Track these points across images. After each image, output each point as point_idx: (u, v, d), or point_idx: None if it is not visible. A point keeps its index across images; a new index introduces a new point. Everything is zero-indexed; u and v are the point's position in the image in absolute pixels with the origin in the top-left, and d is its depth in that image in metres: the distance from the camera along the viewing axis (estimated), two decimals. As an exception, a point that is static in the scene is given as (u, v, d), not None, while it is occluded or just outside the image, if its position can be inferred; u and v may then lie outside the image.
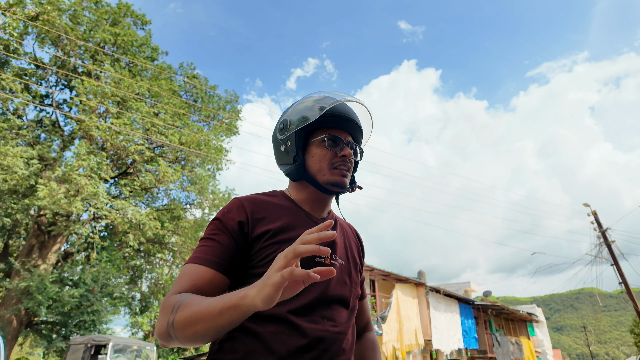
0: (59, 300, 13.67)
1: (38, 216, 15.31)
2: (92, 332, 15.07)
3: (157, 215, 16.43)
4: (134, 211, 14.80)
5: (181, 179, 17.94)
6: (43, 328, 15.21)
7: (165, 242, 18.57)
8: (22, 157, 13.25)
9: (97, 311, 14.82)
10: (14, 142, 14.04)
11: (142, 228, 15.08)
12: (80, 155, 13.88)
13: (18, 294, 13.47)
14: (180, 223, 17.71)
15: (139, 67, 17.47)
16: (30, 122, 16.16)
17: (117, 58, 16.81)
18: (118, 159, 16.86)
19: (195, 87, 18.93)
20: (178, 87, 18.61)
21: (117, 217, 14.54)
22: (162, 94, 16.41)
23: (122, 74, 15.94)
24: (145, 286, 22.10)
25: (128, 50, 17.44)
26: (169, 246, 18.92)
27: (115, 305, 18.13)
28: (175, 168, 17.14)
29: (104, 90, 14.77)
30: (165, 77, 17.80)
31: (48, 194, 12.66)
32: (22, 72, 15.62)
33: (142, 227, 15.04)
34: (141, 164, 16.48)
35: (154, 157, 16.82)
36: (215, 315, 0.69)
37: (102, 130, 14.66)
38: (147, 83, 16.75)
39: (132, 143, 15.61)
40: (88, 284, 14.40)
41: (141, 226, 15.04)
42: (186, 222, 17.86)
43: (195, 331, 0.72)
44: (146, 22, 18.38)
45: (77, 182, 13.07)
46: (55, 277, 14.03)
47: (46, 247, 15.29)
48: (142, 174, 16.32)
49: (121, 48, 17.11)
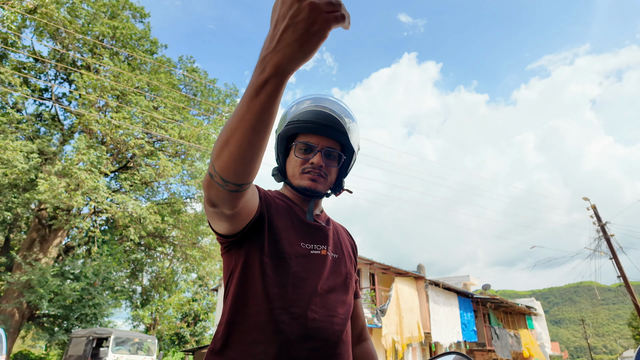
0: (60, 293, 13.75)
1: (39, 210, 15.33)
2: (94, 325, 15.18)
3: (157, 209, 16.45)
4: (134, 205, 14.82)
5: (181, 173, 17.93)
6: (45, 321, 15.31)
7: (166, 236, 18.62)
8: (22, 151, 13.23)
9: (99, 304, 14.91)
10: (13, 136, 14.01)
11: (143, 222, 15.11)
12: (80, 149, 13.86)
13: (20, 288, 13.53)
14: (181, 217, 17.74)
15: (138, 61, 17.38)
16: (29, 116, 16.12)
17: (116, 51, 16.71)
18: (118, 153, 16.84)
19: (194, 80, 18.85)
20: (177, 81, 18.53)
21: (117, 211, 14.56)
22: (162, 88, 16.35)
23: (122, 67, 15.86)
24: (146, 280, 22.22)
25: (127, 44, 17.33)
26: (169, 240, 18.97)
27: (116, 299, 18.24)
28: (175, 162, 17.13)
29: (103, 84, 14.70)
30: (164, 71, 17.71)
31: (48, 188, 12.66)
32: (21, 65, 15.54)
33: (142, 221, 15.07)
34: (141, 157, 16.47)
35: (154, 151, 16.80)
36: (247, 103, 0.61)
37: (102, 124, 14.63)
38: (147, 77, 16.67)
39: (132, 137, 15.58)
40: (89, 278, 14.47)
41: (142, 220, 15.07)
42: (186, 216, 17.89)
43: (232, 151, 0.65)
44: (145, 15, 18.24)
45: (78, 176, 13.07)
46: (56, 270, 14.09)
47: (47, 241, 15.33)
48: (142, 168, 16.31)
49: (120, 41, 17.01)
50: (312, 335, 0.90)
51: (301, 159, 1.05)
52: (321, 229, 1.07)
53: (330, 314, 0.96)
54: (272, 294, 0.90)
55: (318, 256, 1.00)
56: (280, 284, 0.92)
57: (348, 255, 1.13)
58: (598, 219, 16.69)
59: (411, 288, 15.31)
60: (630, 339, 52.23)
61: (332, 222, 1.18)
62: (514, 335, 20.44)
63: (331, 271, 1.02)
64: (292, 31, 0.54)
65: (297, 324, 0.89)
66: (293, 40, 0.55)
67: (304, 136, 1.05)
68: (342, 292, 1.03)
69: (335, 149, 1.06)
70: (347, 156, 1.11)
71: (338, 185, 1.13)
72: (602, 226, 16.48)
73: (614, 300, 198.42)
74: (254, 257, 0.94)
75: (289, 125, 1.05)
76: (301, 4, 0.53)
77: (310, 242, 1.02)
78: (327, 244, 1.05)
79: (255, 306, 0.90)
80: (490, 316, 20.49)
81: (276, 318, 0.89)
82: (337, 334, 0.95)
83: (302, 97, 1.11)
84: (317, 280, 0.97)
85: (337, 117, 1.04)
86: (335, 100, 1.10)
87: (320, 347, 0.90)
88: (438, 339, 15.15)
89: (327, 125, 1.03)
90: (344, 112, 1.07)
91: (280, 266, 0.94)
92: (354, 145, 1.08)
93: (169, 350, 28.05)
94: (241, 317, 0.91)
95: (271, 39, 0.57)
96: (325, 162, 1.04)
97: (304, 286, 0.94)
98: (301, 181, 1.05)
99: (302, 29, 0.54)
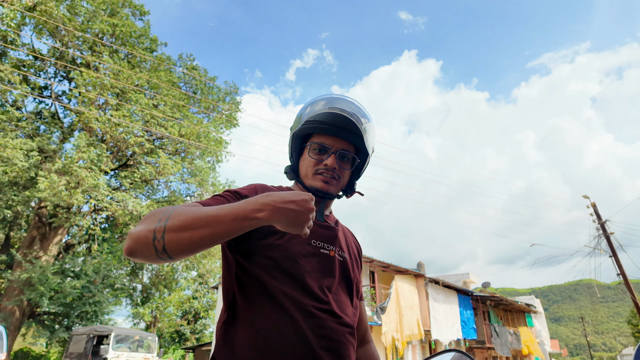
0: (60, 291, 13.77)
1: (39, 208, 15.34)
2: (94, 322, 15.21)
3: (157, 207, 16.44)
4: (134, 203, 14.83)
5: (181, 171, 17.94)
6: (45, 319, 15.34)
7: (166, 234, 18.60)
8: (21, 149, 13.23)
9: (99, 302, 14.94)
10: (13, 133, 14.01)
11: (143, 220, 15.11)
12: (80, 147, 13.86)
13: (20, 285, 13.56)
14: (181, 215, 17.72)
15: (138, 59, 17.35)
16: (29, 114, 16.11)
17: (115, 49, 16.69)
18: (118, 151, 16.84)
19: (194, 78, 18.83)
20: (177, 79, 18.50)
21: (117, 209, 14.57)
22: (162, 86, 16.33)
23: (121, 65, 15.84)
24: (147, 277, 22.27)
25: (127, 42, 17.30)
26: (169, 238, 18.96)
27: (116, 296, 18.27)
28: (175, 160, 17.13)
29: (103, 82, 14.69)
30: (164, 69, 17.69)
31: (49, 186, 12.67)
32: (21, 63, 15.52)
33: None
34: (141, 155, 16.47)
35: (154, 149, 16.80)
36: (231, 219, 0.74)
37: (102, 122, 14.62)
38: (147, 74, 16.65)
39: (132, 135, 15.58)
40: (89, 276, 14.50)
41: (142, 218, 15.07)
42: (186, 214, 17.87)
43: (193, 236, 0.73)
44: (145, 13, 18.20)
45: (78, 174, 13.08)
46: (56, 268, 14.11)
47: (47, 239, 15.35)
48: (142, 166, 16.31)
49: (120, 39, 16.97)
50: (323, 334, 0.90)
51: (315, 159, 1.05)
52: (331, 230, 1.07)
53: (340, 314, 0.96)
54: (281, 292, 0.90)
55: (327, 256, 1.01)
56: (290, 282, 0.92)
57: (354, 258, 1.15)
58: (598, 217, 16.69)
59: (411, 286, 15.33)
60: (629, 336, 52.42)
61: (340, 224, 1.18)
62: (513, 332, 20.48)
63: (339, 272, 1.03)
64: (292, 211, 0.76)
65: (311, 322, 0.90)
66: (290, 214, 0.76)
67: (319, 137, 1.05)
68: (349, 293, 1.05)
69: (349, 152, 1.06)
70: (361, 159, 1.11)
71: (350, 187, 1.13)
72: (601, 224, 16.49)
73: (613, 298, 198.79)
74: (257, 255, 0.94)
75: (305, 125, 1.05)
76: (307, 213, 0.78)
77: (320, 241, 1.02)
78: (335, 245, 1.05)
79: (264, 305, 0.90)
80: (490, 314, 20.53)
81: (290, 315, 0.89)
82: (346, 334, 0.95)
83: (318, 97, 1.11)
84: (326, 279, 0.98)
85: (353, 120, 1.03)
86: (352, 101, 1.09)
87: (330, 347, 0.90)
88: (438, 337, 15.18)
89: (343, 128, 1.03)
90: (360, 113, 1.06)
91: (289, 265, 0.93)
92: (368, 147, 1.08)
93: (169, 348, 28.14)
94: (248, 313, 0.91)
95: (279, 200, 0.77)
96: (339, 165, 1.05)
97: (314, 285, 0.94)
98: (314, 182, 1.05)
99: (296, 217, 0.77)
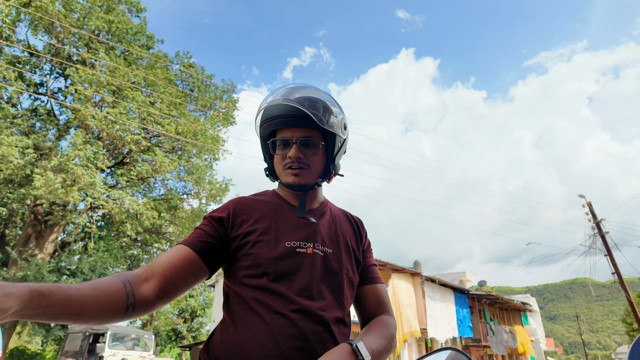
0: (56, 289, 13.69)
1: (34, 206, 15.25)
2: (90, 320, 15.12)
3: (154, 205, 16.41)
4: (131, 201, 14.78)
5: (178, 169, 17.88)
6: (41, 317, 15.26)
7: (163, 232, 18.59)
8: (17, 147, 13.14)
9: (95, 300, 14.85)
10: (8, 131, 13.91)
11: (139, 218, 15.07)
12: (76, 144, 13.79)
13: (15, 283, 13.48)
14: (178, 213, 17.70)
15: (135, 56, 17.26)
16: (24, 111, 15.99)
17: (112, 46, 16.59)
18: (114, 149, 16.76)
19: (191, 76, 18.76)
20: (174, 76, 18.42)
21: (114, 207, 14.51)
22: (158, 83, 16.25)
23: (118, 62, 15.74)
24: (143, 276, 22.14)
25: (123, 39, 17.19)
26: (166, 236, 18.94)
27: (113, 295, 18.18)
28: (172, 158, 17.07)
29: (99, 79, 14.60)
30: (161, 66, 17.60)
31: (44, 184, 12.60)
32: (16, 59, 15.40)
33: (139, 216, 15.03)
34: (137, 153, 16.40)
35: (151, 147, 16.73)
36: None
37: (98, 119, 14.54)
38: (143, 72, 16.57)
39: (129, 132, 15.50)
40: (85, 274, 14.43)
41: (138, 216, 15.03)
42: (183, 212, 17.86)
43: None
44: (141, 10, 18.09)
45: (74, 171, 13.01)
46: (52, 266, 14.04)
47: (43, 237, 15.27)
48: (138, 163, 16.25)
49: (116, 36, 16.87)
50: (295, 334, 0.88)
51: (280, 155, 1.05)
52: (309, 226, 1.04)
53: (316, 312, 0.93)
54: (253, 299, 0.93)
55: (304, 255, 0.98)
56: (259, 288, 0.93)
57: (347, 246, 1.09)
58: (593, 216, 16.79)
59: (408, 284, 15.37)
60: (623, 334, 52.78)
61: (331, 212, 1.15)
62: (509, 331, 20.60)
63: (320, 268, 0.99)
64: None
65: (283, 324, 0.88)
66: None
67: (280, 132, 1.05)
68: (336, 286, 1.00)
69: (312, 137, 1.03)
70: (329, 140, 1.06)
71: (327, 171, 1.09)
72: (597, 223, 16.59)
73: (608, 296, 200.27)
74: (234, 266, 1.00)
75: (263, 125, 1.06)
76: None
77: (295, 240, 1.00)
78: (314, 241, 1.02)
79: (240, 312, 0.93)
80: (486, 312, 20.63)
81: (264, 320, 0.89)
82: (322, 332, 0.92)
83: (268, 94, 1.07)
84: (301, 278, 0.95)
85: (299, 105, 0.98)
86: (301, 86, 1.05)
87: (304, 346, 0.87)
88: (434, 335, 15.24)
89: (295, 116, 1.00)
90: (310, 95, 1.02)
91: (259, 273, 0.94)
92: (332, 127, 1.02)
93: (165, 346, 28.07)
94: (230, 320, 0.95)
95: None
96: (303, 153, 1.02)
97: (286, 287, 0.93)
98: (286, 178, 1.04)
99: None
